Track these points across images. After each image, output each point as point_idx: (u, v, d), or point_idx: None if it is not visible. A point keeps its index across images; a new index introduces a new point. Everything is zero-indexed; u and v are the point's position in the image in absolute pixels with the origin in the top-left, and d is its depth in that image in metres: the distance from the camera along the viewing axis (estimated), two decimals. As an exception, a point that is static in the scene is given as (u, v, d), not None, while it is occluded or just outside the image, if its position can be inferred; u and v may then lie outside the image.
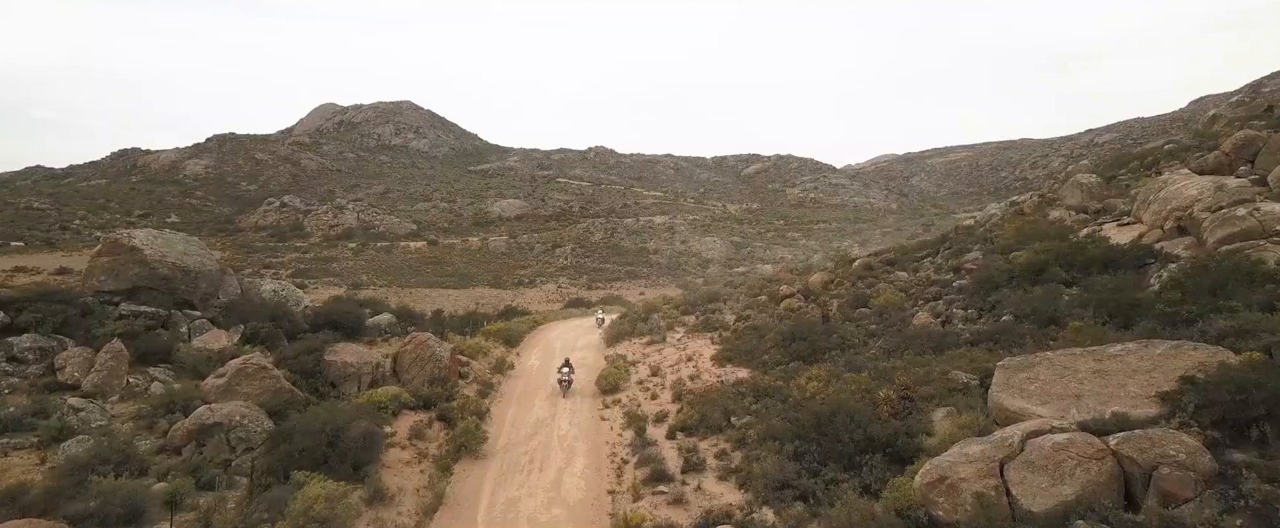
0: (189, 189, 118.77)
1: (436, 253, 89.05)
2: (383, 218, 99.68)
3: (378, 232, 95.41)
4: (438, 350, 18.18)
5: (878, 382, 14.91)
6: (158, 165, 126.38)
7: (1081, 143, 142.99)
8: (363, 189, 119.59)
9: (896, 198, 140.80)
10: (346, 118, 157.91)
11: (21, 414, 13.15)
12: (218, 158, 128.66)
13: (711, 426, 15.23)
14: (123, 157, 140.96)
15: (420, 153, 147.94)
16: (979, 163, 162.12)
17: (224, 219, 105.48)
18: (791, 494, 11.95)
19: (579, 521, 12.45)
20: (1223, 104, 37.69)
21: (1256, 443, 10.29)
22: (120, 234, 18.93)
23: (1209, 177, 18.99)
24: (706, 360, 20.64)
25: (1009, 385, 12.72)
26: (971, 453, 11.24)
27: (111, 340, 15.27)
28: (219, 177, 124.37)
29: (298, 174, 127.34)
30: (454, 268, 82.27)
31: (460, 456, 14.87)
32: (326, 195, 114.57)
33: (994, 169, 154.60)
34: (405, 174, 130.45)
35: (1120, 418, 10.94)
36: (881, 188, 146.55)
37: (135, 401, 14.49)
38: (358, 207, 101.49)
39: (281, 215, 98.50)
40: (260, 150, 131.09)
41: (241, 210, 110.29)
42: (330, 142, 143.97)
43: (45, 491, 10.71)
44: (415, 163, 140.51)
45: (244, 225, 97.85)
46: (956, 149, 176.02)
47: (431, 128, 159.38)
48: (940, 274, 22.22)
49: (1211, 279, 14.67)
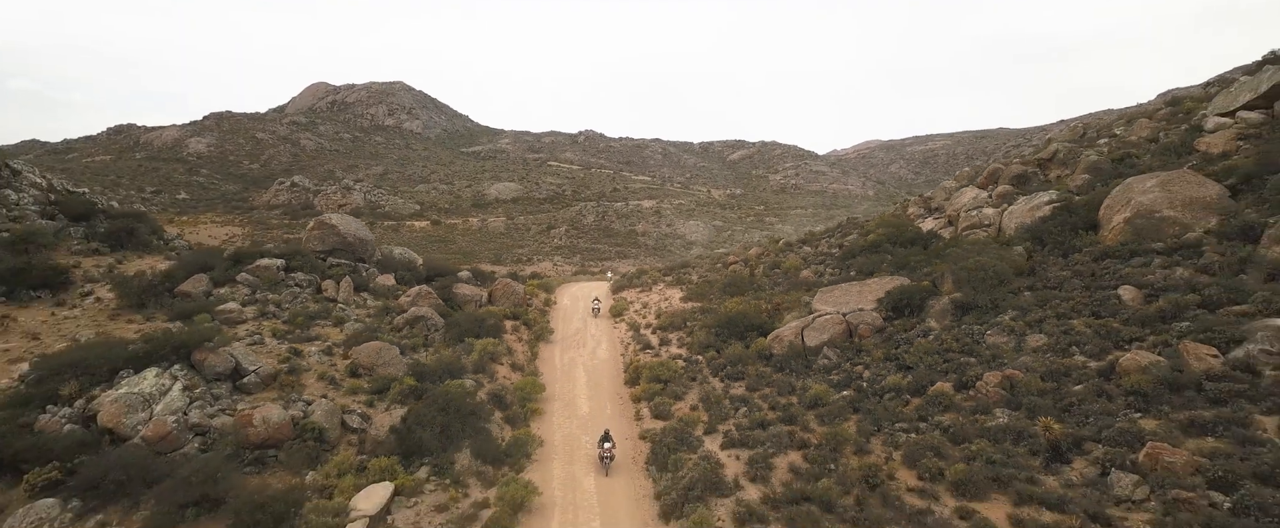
0: (194, 167, 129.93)
1: (440, 232, 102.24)
2: (388, 198, 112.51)
3: (384, 211, 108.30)
4: (516, 287, 32.50)
5: (765, 303, 29.42)
6: (160, 143, 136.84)
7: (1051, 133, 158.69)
8: (362, 170, 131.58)
9: (873, 185, 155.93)
10: (339, 98, 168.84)
11: (317, 312, 27.09)
12: (219, 137, 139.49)
13: (675, 327, 29.81)
14: (120, 133, 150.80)
15: (413, 134, 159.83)
16: (955, 151, 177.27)
17: (232, 197, 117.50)
18: (709, 349, 26.45)
19: (607, 365, 26.94)
20: (1062, 128, 52.23)
21: (903, 316, 24.93)
22: (324, 217, 32.67)
23: (975, 190, 33.59)
24: (676, 299, 35.24)
25: (819, 300, 27.32)
26: (792, 325, 25.84)
27: (344, 278, 29.22)
28: (221, 155, 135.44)
29: (298, 154, 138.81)
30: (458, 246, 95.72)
31: (538, 341, 29.30)
32: (327, 175, 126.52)
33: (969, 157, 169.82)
34: (402, 155, 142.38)
35: (855, 309, 25.54)
36: (860, 175, 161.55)
37: (364, 308, 28.52)
38: (363, 187, 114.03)
39: (292, 195, 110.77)
40: (260, 130, 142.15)
41: (246, 189, 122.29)
42: (325, 122, 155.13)
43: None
44: (410, 144, 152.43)
45: (257, 204, 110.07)
46: (937, 137, 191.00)
47: (423, 109, 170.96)
48: (828, 248, 36.79)
49: (939, 247, 29.28)
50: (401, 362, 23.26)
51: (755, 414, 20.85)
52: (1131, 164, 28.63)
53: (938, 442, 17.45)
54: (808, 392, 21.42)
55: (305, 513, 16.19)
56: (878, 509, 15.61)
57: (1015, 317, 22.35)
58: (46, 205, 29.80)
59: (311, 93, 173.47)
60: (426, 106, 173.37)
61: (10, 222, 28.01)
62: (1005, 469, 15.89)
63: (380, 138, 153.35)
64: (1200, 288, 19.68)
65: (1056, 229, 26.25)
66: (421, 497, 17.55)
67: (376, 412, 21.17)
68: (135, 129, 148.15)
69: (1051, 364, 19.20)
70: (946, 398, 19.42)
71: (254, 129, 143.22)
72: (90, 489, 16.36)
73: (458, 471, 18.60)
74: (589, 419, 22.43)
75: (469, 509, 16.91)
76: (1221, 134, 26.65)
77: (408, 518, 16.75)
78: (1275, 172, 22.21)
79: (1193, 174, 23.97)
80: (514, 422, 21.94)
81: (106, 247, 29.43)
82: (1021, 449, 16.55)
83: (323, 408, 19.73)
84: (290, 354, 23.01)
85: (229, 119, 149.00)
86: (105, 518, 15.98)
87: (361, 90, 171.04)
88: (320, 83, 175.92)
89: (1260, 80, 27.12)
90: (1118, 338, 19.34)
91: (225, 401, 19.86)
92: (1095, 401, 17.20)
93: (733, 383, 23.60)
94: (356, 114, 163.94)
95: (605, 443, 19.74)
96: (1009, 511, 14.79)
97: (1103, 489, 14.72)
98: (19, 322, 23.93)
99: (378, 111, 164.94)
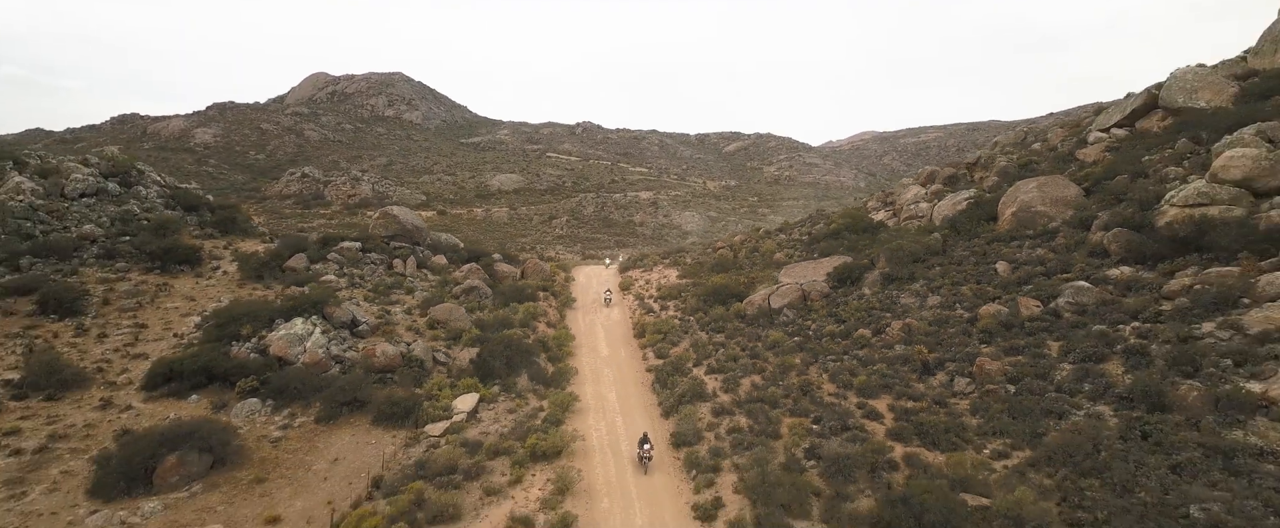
0: (202, 157, 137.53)
1: (447, 222, 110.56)
2: (395, 189, 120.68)
3: (392, 201, 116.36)
4: (543, 266, 41.45)
5: (743, 277, 38.35)
6: (168, 133, 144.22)
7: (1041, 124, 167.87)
8: (367, 161, 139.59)
9: (866, 176, 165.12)
10: (339, 88, 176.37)
11: (392, 283, 35.81)
12: (224, 127, 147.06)
13: (672, 297, 38.79)
14: (124, 122, 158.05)
15: (413, 125, 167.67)
16: (947, 143, 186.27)
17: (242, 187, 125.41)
18: (698, 311, 35.42)
19: (619, 324, 35.92)
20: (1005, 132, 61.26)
21: (846, 285, 33.97)
22: (387, 208, 41.37)
23: (918, 187, 42.53)
24: (673, 276, 44.25)
25: (784, 274, 36.32)
26: (762, 293, 34.93)
27: (408, 257, 37.93)
28: (227, 145, 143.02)
29: (302, 145, 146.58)
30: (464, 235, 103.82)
31: (564, 307, 38.23)
32: (332, 165, 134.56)
33: (960, 150, 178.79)
34: (403, 146, 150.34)
35: (810, 280, 34.56)
36: (852, 167, 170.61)
37: (427, 280, 37.28)
38: (371, 178, 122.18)
39: (303, 185, 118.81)
40: (264, 120, 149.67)
41: (253, 178, 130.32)
42: (327, 113, 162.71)
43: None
44: (411, 135, 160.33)
45: (270, 193, 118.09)
46: (930, 129, 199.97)
47: (423, 100, 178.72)
48: (799, 236, 45.72)
49: (884, 233, 38.24)
50: (467, 318, 32.07)
51: (730, 353, 29.79)
52: (1032, 169, 37.58)
53: (852, 365, 26.42)
54: (768, 338, 30.36)
55: (423, 409, 25.03)
56: (806, 405, 24.53)
57: (923, 285, 31.32)
58: (168, 199, 38.37)
59: (311, 83, 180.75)
60: (425, 97, 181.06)
61: (145, 212, 36.59)
62: (892, 380, 24.87)
63: (381, 129, 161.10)
64: (1046, 262, 28.69)
65: (967, 220, 35.23)
66: (496, 404, 26.40)
67: (454, 351, 30.00)
68: (140, 118, 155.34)
69: (939, 315, 28.20)
70: (864, 339, 28.39)
71: (258, 120, 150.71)
72: (277, 394, 25.17)
73: (520, 388, 27.49)
74: (609, 359, 31.39)
75: (531, 410, 25.76)
76: (1095, 147, 35.62)
77: (490, 415, 25.59)
78: (1116, 177, 31.17)
79: (1061, 178, 32.94)
80: (554, 360, 30.82)
81: (217, 232, 38.04)
82: (906, 369, 25.51)
83: (420, 346, 28.56)
84: (382, 312, 31.79)
85: (233, 110, 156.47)
86: (291, 412, 24.77)
87: (361, 81, 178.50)
88: (320, 73, 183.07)
89: (1127, 104, 36.09)
90: (987, 297, 28.31)
91: (349, 341, 28.65)
92: (959, 338, 26.19)
93: (715, 334, 32.50)
94: (357, 105, 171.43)
95: (644, 445, 21.61)
96: (890, 402, 23.74)
97: (949, 389, 23.72)
98: (175, 288, 32.61)
99: (378, 102, 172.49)
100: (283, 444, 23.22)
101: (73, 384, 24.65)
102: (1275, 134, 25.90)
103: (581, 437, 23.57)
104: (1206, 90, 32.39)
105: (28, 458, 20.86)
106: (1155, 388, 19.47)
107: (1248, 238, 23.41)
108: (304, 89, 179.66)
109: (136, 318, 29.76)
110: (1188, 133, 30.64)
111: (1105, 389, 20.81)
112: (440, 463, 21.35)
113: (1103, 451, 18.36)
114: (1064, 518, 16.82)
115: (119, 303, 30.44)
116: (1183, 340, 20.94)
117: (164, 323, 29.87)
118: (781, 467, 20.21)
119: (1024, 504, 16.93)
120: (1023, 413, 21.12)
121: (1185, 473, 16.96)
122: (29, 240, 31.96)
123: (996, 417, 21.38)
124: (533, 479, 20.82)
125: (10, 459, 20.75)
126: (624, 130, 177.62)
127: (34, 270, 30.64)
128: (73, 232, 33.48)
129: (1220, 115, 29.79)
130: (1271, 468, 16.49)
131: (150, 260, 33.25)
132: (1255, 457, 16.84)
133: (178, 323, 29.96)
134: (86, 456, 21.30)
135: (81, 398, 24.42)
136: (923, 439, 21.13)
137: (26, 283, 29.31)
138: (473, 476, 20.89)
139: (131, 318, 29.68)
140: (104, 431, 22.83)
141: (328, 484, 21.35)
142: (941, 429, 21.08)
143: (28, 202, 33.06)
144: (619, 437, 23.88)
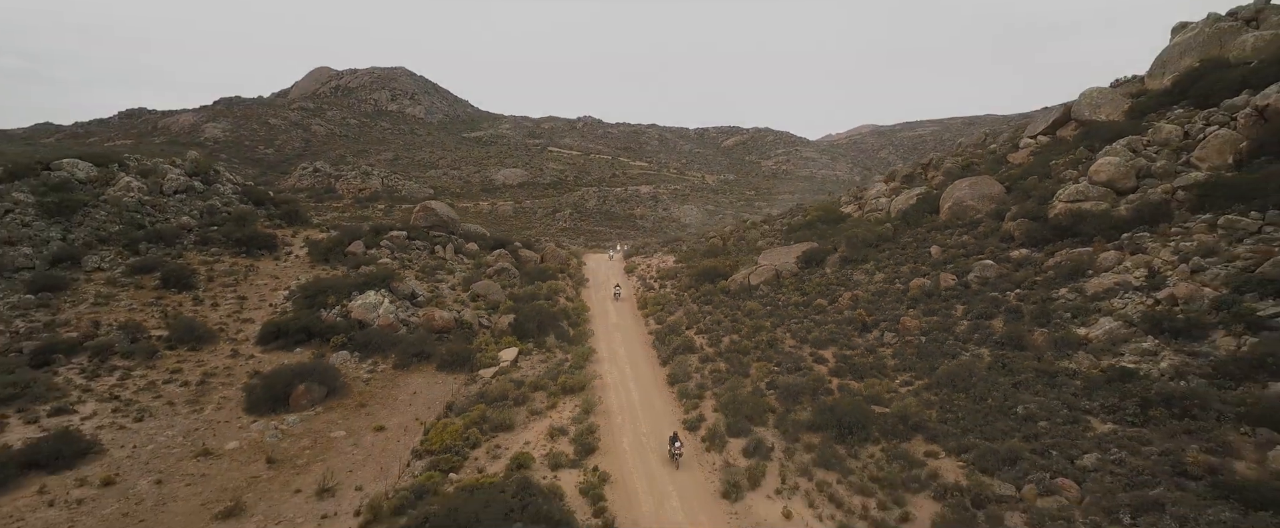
0: (213, 152, 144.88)
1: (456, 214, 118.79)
2: (404, 183, 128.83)
3: (401, 195, 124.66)
4: (560, 252, 49.83)
5: (728, 260, 46.75)
6: (177, 127, 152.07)
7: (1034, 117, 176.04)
8: (373, 155, 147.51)
9: (861, 170, 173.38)
10: (342, 83, 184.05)
11: (435, 265, 44.11)
12: (233, 122, 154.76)
13: (668, 277, 47.19)
14: (133, 116, 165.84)
15: (417, 119, 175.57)
16: (942, 137, 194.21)
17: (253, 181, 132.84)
18: (690, 288, 43.83)
19: (626, 300, 44.40)
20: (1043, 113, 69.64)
21: (811, 267, 42.44)
22: (427, 203, 49.59)
23: (882, 184, 50.86)
24: (670, 262, 52.67)
25: (762, 258, 44.82)
26: (743, 273, 43.45)
27: (447, 244, 46.19)
28: (237, 140, 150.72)
29: (309, 140, 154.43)
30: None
31: (579, 286, 46.65)
32: (339, 160, 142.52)
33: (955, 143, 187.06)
34: (408, 141, 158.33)
35: (783, 262, 43.02)
36: (849, 161, 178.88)
37: (464, 263, 45.57)
38: (380, 172, 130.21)
39: (315, 179, 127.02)
40: (272, 116, 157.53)
41: (263, 173, 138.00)
42: (331, 107, 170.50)
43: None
44: (414, 130, 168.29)
45: (283, 187, 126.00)
46: (925, 124, 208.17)
47: (425, 94, 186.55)
48: (779, 226, 54.06)
49: (847, 223, 46.65)
50: (501, 293, 40.41)
51: (715, 318, 38.18)
52: (972, 170, 45.90)
53: (809, 326, 34.82)
54: (746, 307, 38.75)
55: (476, 359, 33.39)
56: (771, 354, 32.89)
57: (873, 265, 39.68)
58: (241, 195, 46.62)
59: (314, 77, 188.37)
60: (428, 92, 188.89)
61: (225, 206, 44.86)
62: (838, 335, 33.27)
63: (386, 123, 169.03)
64: (967, 246, 37.07)
65: (914, 212, 43.55)
66: (532, 356, 34.77)
67: (494, 318, 38.35)
68: (149, 113, 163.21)
69: (881, 288, 36.59)
70: (821, 307, 36.79)
71: (266, 115, 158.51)
72: (361, 348, 33.50)
73: (549, 345, 35.89)
74: (617, 324, 39.84)
75: (559, 360, 34.12)
76: (1023, 151, 43.96)
77: (527, 364, 33.95)
78: (1029, 177, 39.49)
79: (989, 178, 41.28)
80: (574, 325, 39.22)
81: (283, 222, 46.32)
82: (850, 328, 33.90)
83: (468, 313, 36.95)
84: (433, 288, 40.13)
85: (240, 105, 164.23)
86: (374, 361, 33.10)
87: (364, 75, 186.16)
88: (323, 67, 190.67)
89: (1050, 116, 44.41)
90: (919, 274, 36.66)
91: (410, 309, 36.98)
92: (893, 304, 34.57)
93: (704, 305, 40.86)
94: (360, 99, 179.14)
95: (675, 443, 23.72)
96: (835, 351, 32.13)
97: (880, 340, 32.11)
98: (260, 268, 40.90)
99: (381, 97, 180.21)
100: (372, 383, 31.58)
101: (206, 340, 32.98)
102: (1138, 146, 34.23)
103: (599, 377, 31.99)
104: (1107, 106, 40.69)
105: (194, 387, 29.19)
106: (1018, 334, 27.90)
107: (1105, 226, 31.73)
108: (307, 83, 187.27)
109: (236, 291, 38.05)
110: (1087, 142, 38.93)
111: (987, 337, 29.22)
112: (495, 393, 29.74)
113: (974, 377, 26.78)
114: (939, 418, 25.21)
115: (221, 279, 38.73)
116: (1043, 301, 29.34)
117: (258, 295, 38.17)
118: (749, 394, 28.60)
119: (910, 409, 25.32)
120: (927, 355, 29.53)
121: (1022, 388, 25.36)
122: (141, 230, 40.19)
123: (908, 359, 29.80)
124: (564, 405, 29.19)
125: (181, 388, 29.08)
126: (624, 124, 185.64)
127: (150, 254, 38.90)
128: (173, 222, 41.72)
129: (1110, 128, 38.10)
130: (1078, 383, 24.88)
131: (237, 246, 41.53)
132: (1069, 376, 25.22)
133: (270, 295, 38.26)
134: (235, 386, 29.65)
135: (215, 349, 32.77)
136: (853, 375, 29.56)
137: (149, 263, 37.59)
138: (520, 402, 29.26)
139: (233, 291, 37.97)
140: (238, 371, 31.17)
141: (412, 408, 29.71)
142: (867, 367, 29.52)
143: (137, 198, 41.22)
144: (627, 378, 32.30)
